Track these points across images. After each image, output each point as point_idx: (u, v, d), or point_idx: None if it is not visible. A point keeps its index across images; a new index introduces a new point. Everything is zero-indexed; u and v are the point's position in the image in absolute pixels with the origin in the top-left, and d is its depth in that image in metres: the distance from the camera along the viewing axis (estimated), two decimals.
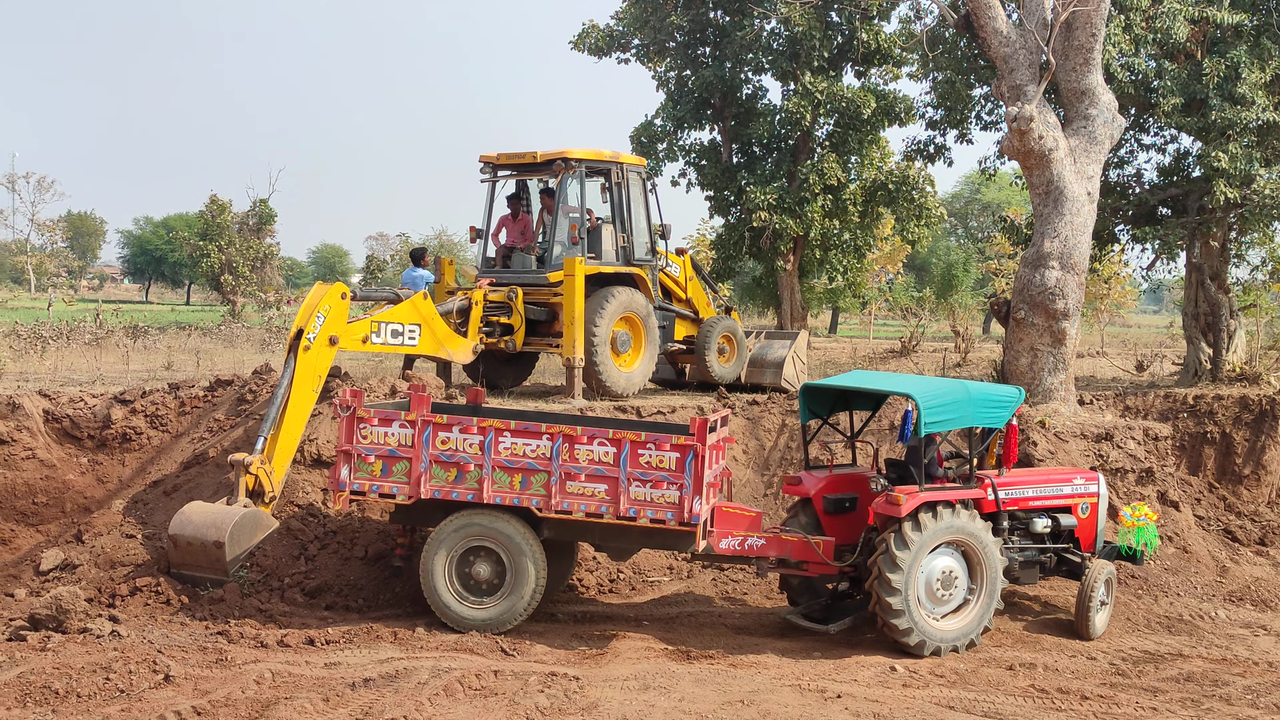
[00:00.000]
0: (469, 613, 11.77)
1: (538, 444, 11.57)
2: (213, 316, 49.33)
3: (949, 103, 25.66)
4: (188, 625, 11.56)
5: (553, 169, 17.35)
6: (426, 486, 11.71)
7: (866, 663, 11.14)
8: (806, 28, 27.46)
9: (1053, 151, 17.60)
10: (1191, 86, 21.37)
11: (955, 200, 69.92)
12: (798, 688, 10.23)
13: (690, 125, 30.59)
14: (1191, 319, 24.48)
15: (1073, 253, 17.72)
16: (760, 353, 20.03)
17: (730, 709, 9.59)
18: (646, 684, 10.14)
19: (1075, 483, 13.01)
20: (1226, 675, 11.25)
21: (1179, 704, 10.30)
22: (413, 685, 9.81)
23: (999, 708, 9.98)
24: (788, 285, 30.93)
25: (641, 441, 11.46)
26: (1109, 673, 11.26)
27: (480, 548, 11.82)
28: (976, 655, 11.63)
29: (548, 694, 9.72)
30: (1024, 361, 17.93)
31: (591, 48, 30.53)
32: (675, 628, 12.38)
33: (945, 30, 23.80)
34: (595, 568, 14.15)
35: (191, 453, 14.83)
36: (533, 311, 17.24)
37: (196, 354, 26.00)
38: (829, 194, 28.69)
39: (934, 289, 56.88)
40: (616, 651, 11.25)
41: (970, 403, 12.13)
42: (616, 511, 11.50)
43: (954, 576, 11.76)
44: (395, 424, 11.75)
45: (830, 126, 29.79)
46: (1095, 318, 46.80)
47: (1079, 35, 17.88)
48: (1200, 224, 22.88)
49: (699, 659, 11.15)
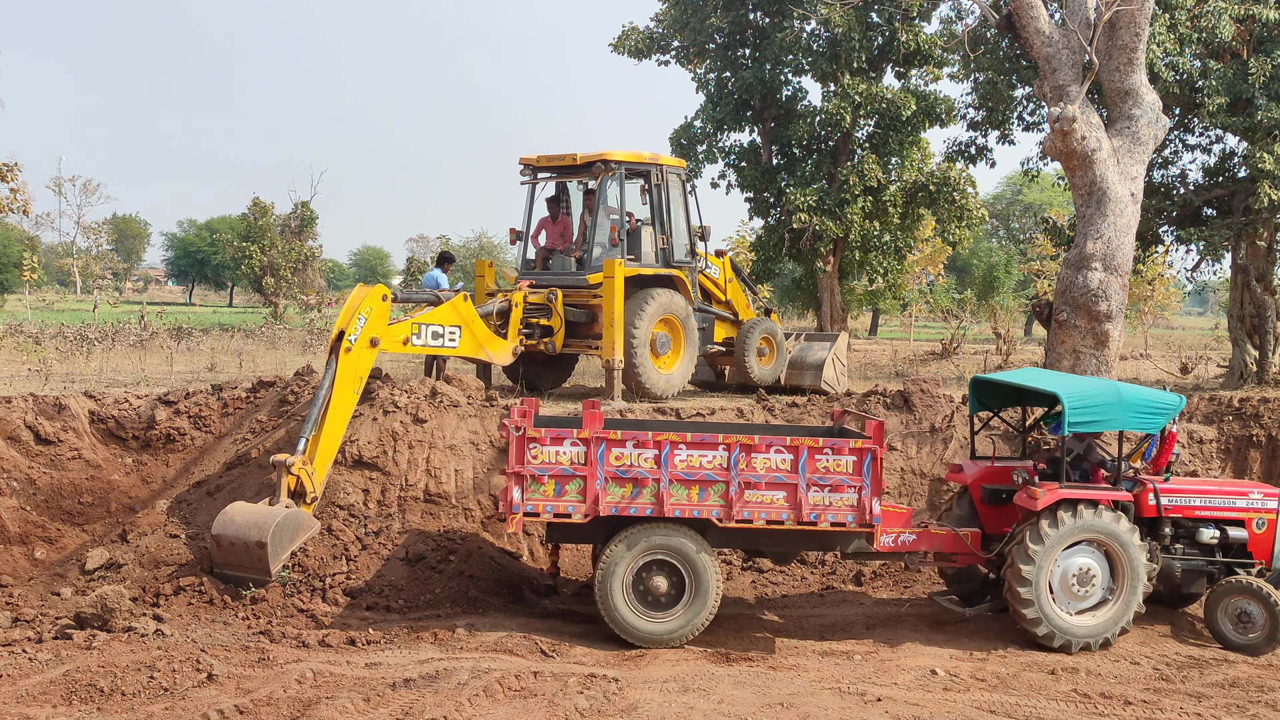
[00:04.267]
0: (649, 626, 11.67)
1: (714, 455, 11.63)
2: (255, 318, 49.69)
3: (990, 103, 25.55)
4: (230, 625, 11.65)
5: (593, 171, 17.38)
6: (604, 504, 11.62)
7: (907, 666, 11.09)
8: (846, 29, 27.37)
9: (1095, 152, 17.47)
10: (1237, 86, 21.18)
11: (997, 201, 69.50)
12: (837, 691, 10.20)
13: (730, 127, 30.57)
14: (1237, 321, 24.24)
15: (1116, 254, 17.57)
16: (800, 355, 19.98)
17: (769, 712, 9.57)
18: (686, 686, 10.13)
19: (1251, 497, 12.81)
20: (1272, 681, 11.12)
21: (1224, 710, 10.19)
22: (453, 686, 9.85)
23: (1040, 712, 9.91)
24: (827, 287, 30.83)
25: (819, 447, 11.61)
26: (1153, 678, 11.15)
27: (657, 561, 11.78)
28: (1018, 659, 11.55)
29: (587, 695, 9.74)
30: (1066, 364, 17.79)
31: (631, 50, 30.58)
32: (714, 630, 12.35)
33: (987, 30, 23.67)
34: None
35: (234, 453, 14.94)
36: (572, 313, 17.27)
37: (239, 355, 26.19)
38: (869, 195, 28.59)
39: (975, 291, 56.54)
40: (656, 654, 11.26)
41: (1121, 406, 12.16)
42: (798, 517, 11.61)
43: (1092, 575, 12.01)
44: (567, 442, 11.66)
45: (870, 128, 29.69)
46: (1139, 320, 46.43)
47: (1122, 35, 17.74)
48: (1246, 225, 22.65)
49: (738, 661, 11.13)
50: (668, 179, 17.99)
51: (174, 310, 51.32)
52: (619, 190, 17.51)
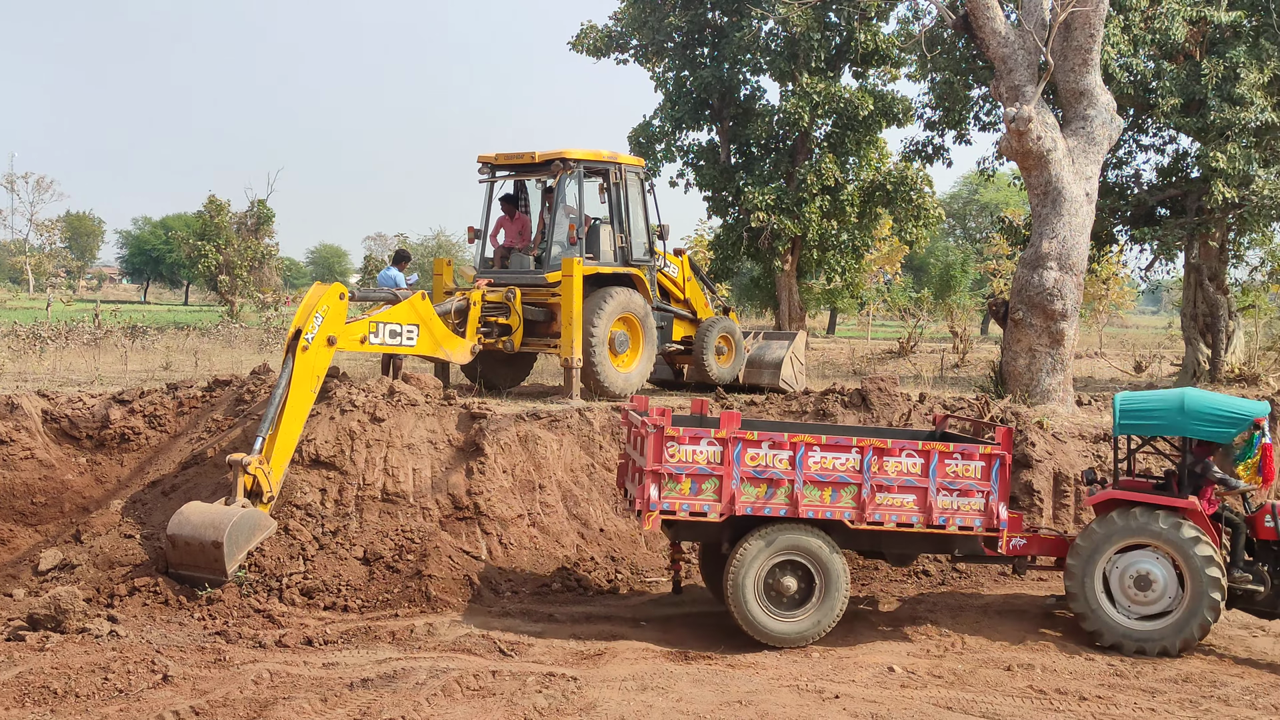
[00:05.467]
0: (780, 626, 11.70)
1: (847, 457, 11.74)
2: (211, 317, 49.32)
3: (947, 103, 25.74)
4: (186, 625, 11.56)
5: (551, 169, 17.36)
6: (740, 504, 11.68)
7: (865, 663, 11.15)
8: (805, 28, 27.48)
9: (1051, 152, 17.62)
10: (1190, 87, 21.42)
11: (953, 201, 69.90)
12: (795, 688, 10.24)
13: (688, 126, 30.62)
14: (1190, 320, 24.54)
15: (1071, 253, 17.74)
16: (758, 353, 20.03)
17: (728, 709, 9.59)
18: (644, 684, 10.14)
19: None
20: (1224, 676, 11.24)
21: (1177, 704, 10.30)
22: (411, 685, 9.82)
23: (996, 708, 9.98)
24: (786, 286, 30.95)
25: (950, 452, 11.81)
26: (1107, 674, 11.25)
27: (788, 561, 11.82)
28: (975, 656, 11.62)
29: (545, 694, 9.73)
30: (1022, 362, 17.95)
31: (590, 48, 30.56)
32: (673, 628, 12.37)
33: (943, 31, 23.85)
34: (593, 569, 14.15)
35: (190, 453, 14.83)
36: (531, 312, 17.24)
37: (195, 354, 25.99)
38: (827, 194, 28.72)
39: (932, 289, 56.89)
40: (615, 652, 11.26)
41: (1183, 413, 12.12)
42: (928, 520, 11.78)
43: (1151, 581, 11.91)
44: (704, 442, 11.71)
45: (828, 127, 29.83)
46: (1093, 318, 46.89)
47: (1077, 36, 17.91)
48: (1199, 224, 22.93)
49: (697, 659, 11.15)
50: (626, 177, 18.01)
51: (128, 309, 50.82)
52: (577, 189, 17.50)
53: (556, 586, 13.65)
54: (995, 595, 14.17)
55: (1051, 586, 14.57)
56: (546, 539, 14.38)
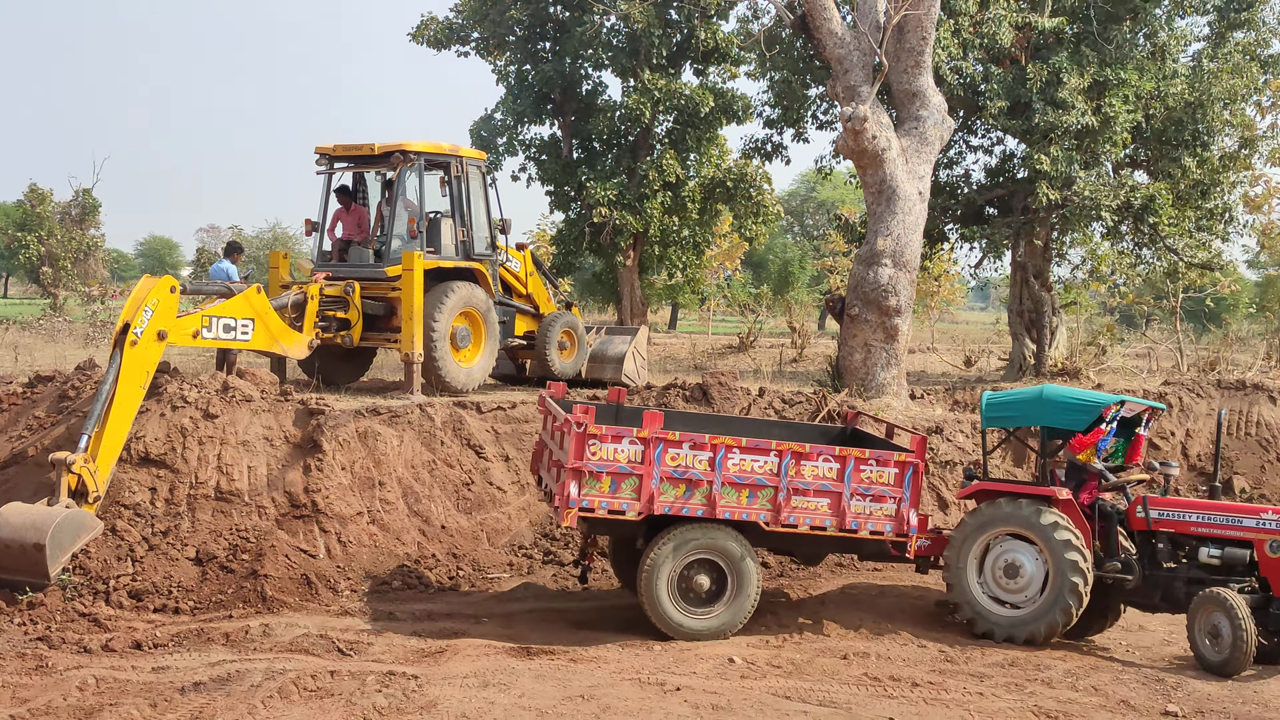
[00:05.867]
0: (692, 622, 11.86)
1: (765, 460, 11.86)
2: (32, 310, 47.39)
3: (785, 102, 26.11)
4: (5, 631, 11.07)
5: (391, 161, 17.13)
6: (658, 503, 11.74)
7: (706, 655, 11.24)
8: (646, 25, 27.60)
9: (885, 151, 18.01)
10: (1016, 90, 22.11)
11: (792, 198, 70.99)
12: (637, 681, 10.28)
13: (530, 120, 30.51)
14: (1016, 316, 25.36)
15: (905, 251, 18.16)
16: (601, 348, 20.07)
17: (570, 704, 9.58)
18: (486, 681, 10.06)
19: (1264, 517, 11.99)
20: (1048, 660, 11.65)
21: (1004, 688, 10.63)
22: (245, 688, 9.57)
23: (833, 696, 10.17)
24: (628, 281, 31.07)
25: (865, 458, 12.05)
26: (938, 660, 11.56)
27: (701, 560, 11.91)
28: (813, 645, 11.83)
29: (385, 694, 9.59)
30: (858, 357, 18.32)
31: (430, 40, 30.22)
32: (515, 624, 12.33)
33: (782, 30, 24.19)
34: (434, 565, 14.01)
35: (9, 452, 14.23)
36: (370, 306, 16.99)
37: (15, 349, 24.98)
38: (668, 190, 28.90)
39: (771, 285, 57.71)
40: (456, 649, 11.15)
41: (1041, 403, 12.72)
42: (840, 524, 12.00)
43: (1020, 569, 12.22)
44: (626, 441, 11.71)
45: (669, 123, 30.01)
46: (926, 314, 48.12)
47: (910, 38, 18.34)
48: (1024, 224, 23.69)
49: (539, 655, 11.11)
50: (468, 171, 17.87)
51: None
52: (418, 182, 17.30)
53: (397, 584, 13.48)
54: (832, 587, 14.45)
55: (887, 577, 14.93)
56: (387, 536, 14.19)
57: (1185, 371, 26.67)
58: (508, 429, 15.88)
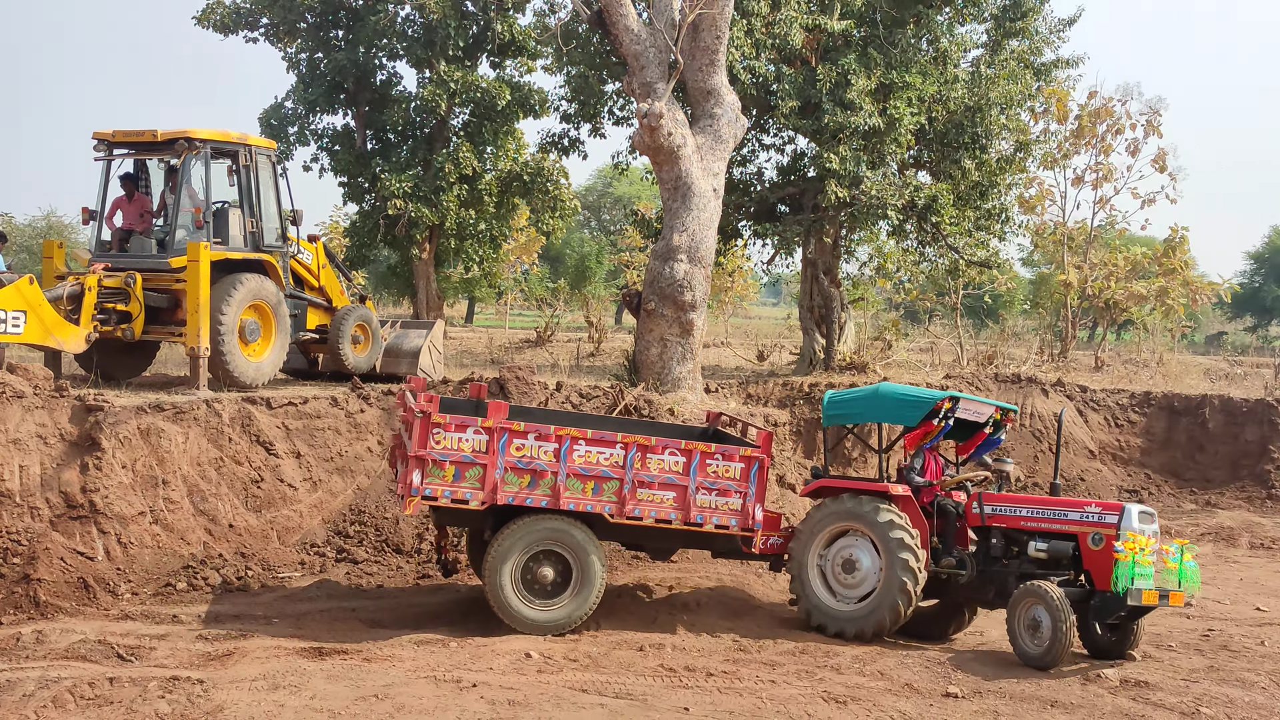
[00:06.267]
0: (535, 614, 11.90)
1: (611, 452, 11.92)
2: None
3: (582, 97, 26.15)
4: None
5: (175, 149, 16.55)
6: (502, 493, 11.76)
7: (502, 651, 11.20)
8: (442, 15, 27.31)
9: (681, 148, 18.22)
10: (807, 91, 22.62)
11: (589, 193, 71.25)
12: (433, 679, 10.17)
13: (323, 109, 29.83)
14: (807, 311, 25.98)
15: (700, 247, 18.41)
16: (396, 342, 19.79)
17: (363, 704, 9.42)
18: (276, 684, 9.81)
19: (1088, 510, 12.12)
20: (837, 647, 11.99)
21: (794, 675, 10.90)
22: (17, 698, 9.11)
23: (629, 688, 10.25)
24: (423, 274, 30.69)
25: (711, 452, 12.18)
26: (732, 649, 11.78)
27: (546, 551, 11.89)
28: (609, 638, 11.91)
29: (169, 699, 9.25)
30: (654, 351, 18.49)
31: (217, 24, 29.21)
32: (307, 624, 12.06)
33: (579, 25, 24.22)
34: (222, 566, 13.60)
35: None
36: (153, 298, 16.37)
37: None
38: (465, 183, 28.65)
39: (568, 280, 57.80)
40: (244, 651, 10.85)
41: (873, 401, 13.06)
42: (685, 518, 12.11)
43: (856, 565, 12.38)
44: (470, 430, 11.70)
45: (466, 116, 29.77)
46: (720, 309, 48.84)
47: (705, 37, 18.58)
48: (815, 222, 24.27)
49: (332, 655, 10.90)
50: (257, 160, 17.39)
51: None
52: (204, 170, 16.76)
53: (182, 586, 13.06)
54: (628, 580, 14.57)
55: (679, 569, 15.12)
56: (171, 537, 13.71)
57: (965, 365, 27.81)
58: (299, 425, 15.52)
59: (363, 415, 15.97)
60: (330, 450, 15.47)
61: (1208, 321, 61.44)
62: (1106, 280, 32.04)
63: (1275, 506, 20.90)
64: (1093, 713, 10.16)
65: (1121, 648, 11.96)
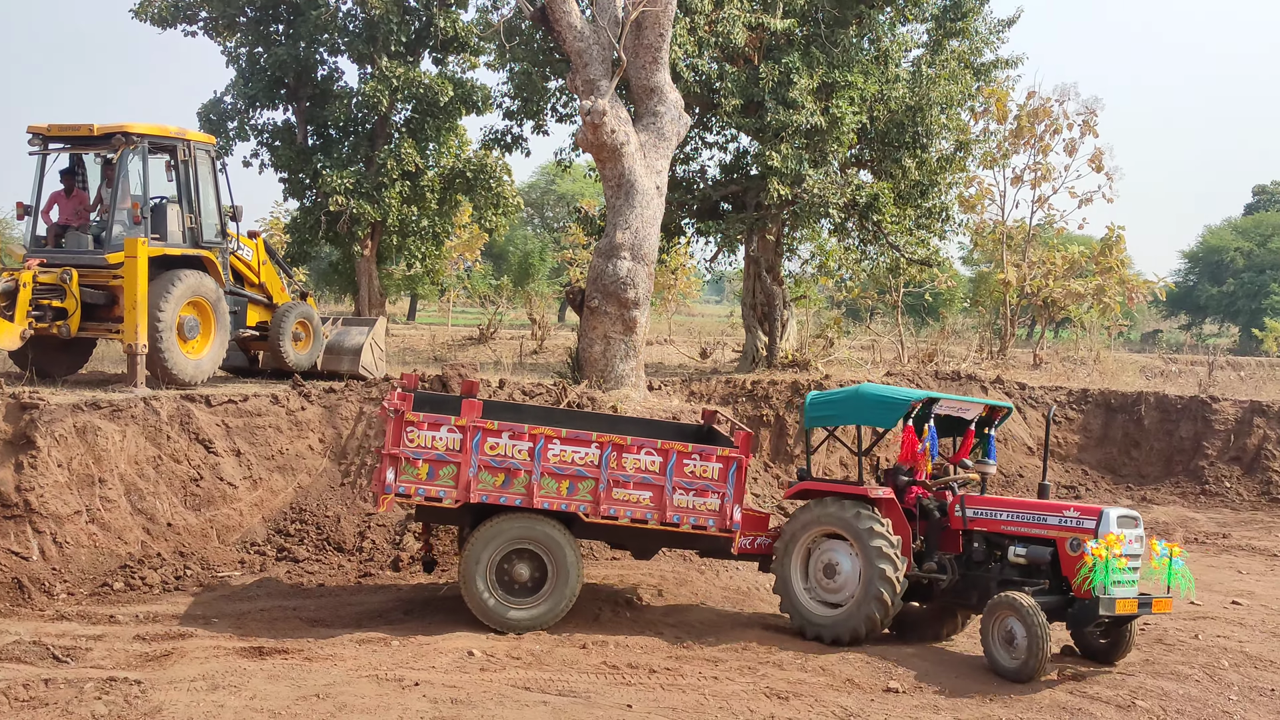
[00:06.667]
0: (511, 613, 11.89)
1: (586, 452, 11.90)
2: None
3: (525, 94, 26.12)
4: None
5: (112, 143, 16.34)
6: (475, 491, 11.76)
7: (445, 649, 11.16)
8: (384, 10, 27.17)
9: (624, 146, 18.22)
10: (749, 89, 22.71)
11: (532, 190, 71.09)
12: (375, 678, 10.12)
13: (263, 104, 29.57)
14: (750, 309, 26.09)
15: (643, 244, 18.43)
16: (337, 339, 19.66)
17: (304, 704, 9.35)
18: (215, 684, 9.72)
19: (1066, 514, 11.60)
20: (781, 644, 12.04)
21: (737, 671, 10.94)
22: None
23: (573, 685, 10.25)
24: (365, 271, 30.52)
25: (688, 452, 12.05)
26: (675, 646, 11.80)
27: (521, 550, 11.94)
28: (552, 636, 11.88)
29: (105, 701, 9.14)
30: (598, 349, 18.49)
31: (155, 18, 28.85)
32: (248, 623, 11.95)
33: (522, 22, 24.18)
34: (160, 565, 13.45)
35: None
36: (90, 295, 16.17)
37: None
38: (407, 180, 28.52)
39: (511, 277, 57.67)
40: (183, 651, 10.73)
41: (854, 402, 12.69)
42: (661, 518, 12.01)
43: (838, 569, 12.08)
44: (444, 428, 11.73)
45: (408, 112, 29.63)
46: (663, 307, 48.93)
47: (648, 35, 18.60)
48: (757, 219, 24.37)
49: (272, 655, 10.81)
50: (195, 155, 17.21)
51: None
52: (141, 165, 16.57)
53: (119, 586, 12.90)
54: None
55: (623, 566, 15.12)
56: (108, 536, 13.54)
57: (906, 363, 28.03)
58: (239, 423, 15.38)
59: (304, 413, 15.85)
60: (271, 448, 15.34)
61: (1143, 320, 62.43)
62: (1045, 279, 32.41)
63: (1209, 502, 21.24)
64: (1031, 706, 10.27)
65: (1116, 651, 11.60)
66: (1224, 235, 67.03)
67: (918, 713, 10.08)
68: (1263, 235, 64.84)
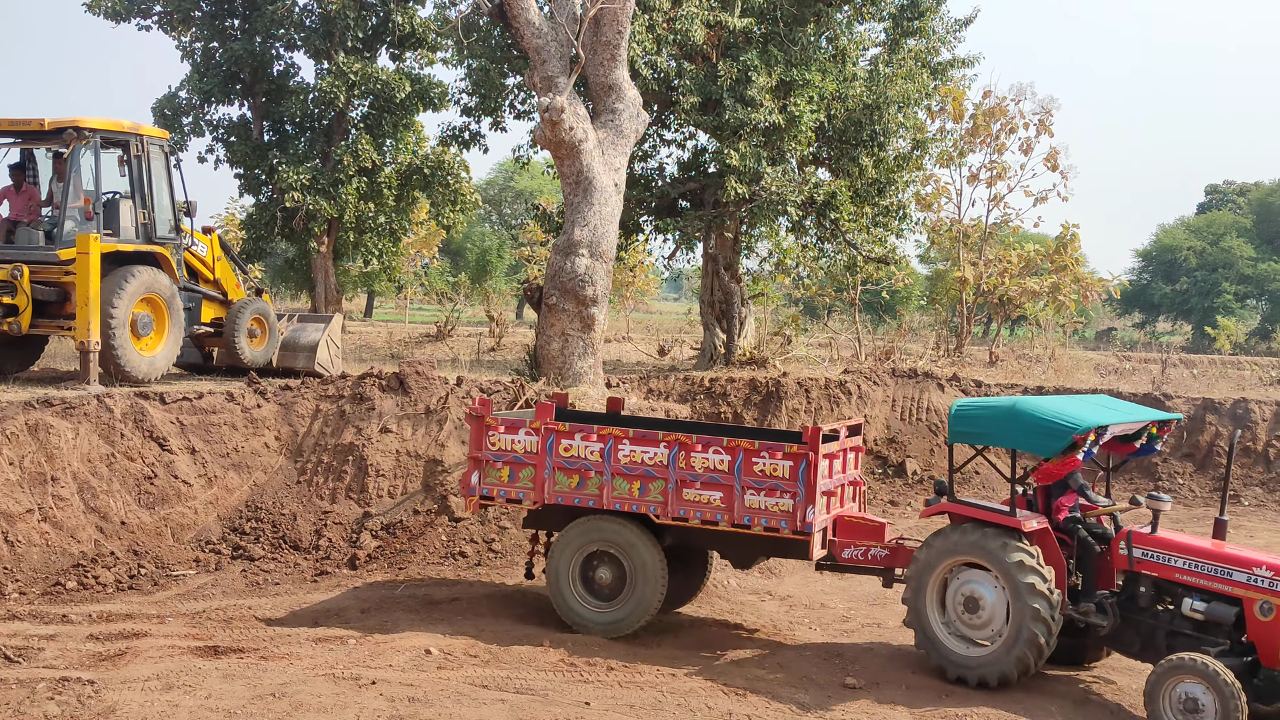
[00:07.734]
0: (594, 616, 11.89)
1: (655, 451, 11.72)
2: None
3: (483, 90, 26.04)
4: None
5: (63, 138, 16.17)
6: (550, 492, 11.93)
7: (402, 648, 11.12)
8: (340, 6, 27.06)
9: (582, 143, 18.19)
10: (708, 87, 22.76)
11: (490, 187, 70.90)
12: (331, 677, 10.07)
13: (218, 99, 29.37)
14: (708, 306, 26.14)
15: (601, 241, 18.40)
16: (293, 336, 19.54)
17: (260, 703, 9.30)
18: (170, 683, 9.64)
19: (1257, 572, 10.19)
20: (739, 640, 12.10)
21: (695, 669, 10.99)
22: None
23: (530, 683, 10.25)
24: (322, 268, 30.37)
25: (755, 450, 11.51)
26: (633, 643, 11.81)
27: (603, 553, 11.93)
28: (510, 633, 11.86)
29: (58, 701, 9.06)
30: (556, 346, 18.45)
31: (109, 11, 28.61)
32: (203, 623, 11.86)
33: (480, 18, 24.11)
34: (113, 564, 13.32)
35: None
36: (41, 291, 15.98)
37: None
38: (364, 176, 28.42)
39: (469, 274, 57.56)
40: (137, 651, 10.64)
41: (1013, 420, 10.89)
42: (731, 519, 11.53)
43: (980, 604, 10.81)
44: (521, 431, 11.99)
45: (365, 108, 29.51)
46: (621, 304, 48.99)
47: (606, 31, 18.58)
48: (715, 217, 24.42)
49: (228, 654, 10.73)
50: (149, 150, 17.06)
51: None
52: (94, 160, 16.40)
53: (72, 585, 12.76)
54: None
55: None
56: (60, 535, 13.38)
57: (864, 360, 28.14)
58: (194, 420, 15.24)
59: (259, 410, 15.73)
60: (226, 446, 15.21)
61: (1098, 318, 63.07)
62: (1000, 277, 32.65)
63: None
64: (990, 697, 10.36)
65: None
66: (1177, 234, 67.75)
67: (874, 708, 10.14)
68: (1215, 234, 65.58)
